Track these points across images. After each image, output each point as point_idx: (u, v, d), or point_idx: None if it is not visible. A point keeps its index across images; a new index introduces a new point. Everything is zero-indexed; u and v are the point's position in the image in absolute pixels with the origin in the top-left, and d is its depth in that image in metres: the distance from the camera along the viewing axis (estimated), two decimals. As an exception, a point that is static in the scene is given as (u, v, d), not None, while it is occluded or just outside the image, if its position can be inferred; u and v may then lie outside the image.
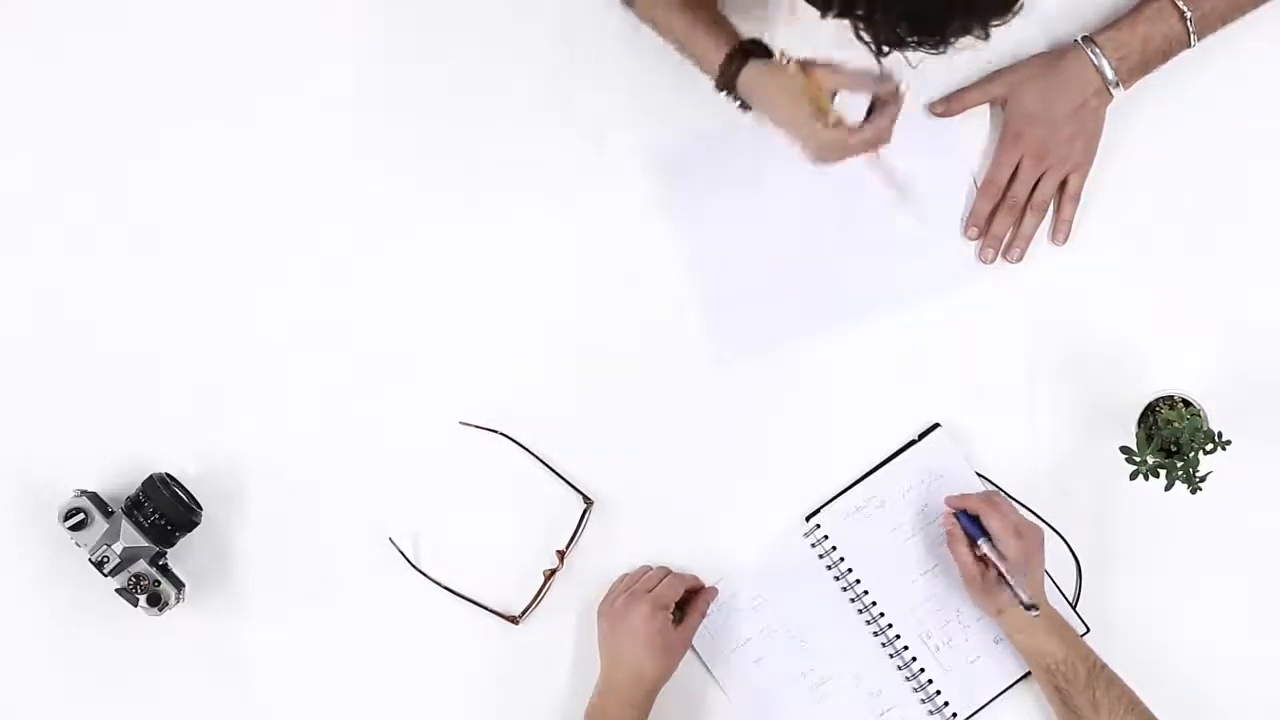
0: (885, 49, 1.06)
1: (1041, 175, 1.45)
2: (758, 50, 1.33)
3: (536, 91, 1.50)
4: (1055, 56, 1.43)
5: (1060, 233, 1.47)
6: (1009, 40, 1.45)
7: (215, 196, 1.51)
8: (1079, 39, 1.42)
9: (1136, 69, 1.41)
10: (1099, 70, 1.40)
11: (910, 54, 1.07)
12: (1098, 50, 1.40)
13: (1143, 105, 1.46)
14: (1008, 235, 1.48)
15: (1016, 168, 1.45)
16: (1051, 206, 1.47)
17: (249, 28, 1.51)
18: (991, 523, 1.38)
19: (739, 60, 1.32)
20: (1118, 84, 1.41)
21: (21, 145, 1.51)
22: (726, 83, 1.33)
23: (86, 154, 1.51)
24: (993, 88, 1.46)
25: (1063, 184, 1.46)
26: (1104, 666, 1.37)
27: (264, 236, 1.51)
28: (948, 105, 1.47)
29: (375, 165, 1.51)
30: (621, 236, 1.44)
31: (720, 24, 1.36)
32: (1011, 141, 1.45)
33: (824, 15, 1.04)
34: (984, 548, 1.37)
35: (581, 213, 1.49)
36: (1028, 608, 1.34)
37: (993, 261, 1.48)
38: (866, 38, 1.05)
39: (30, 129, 1.52)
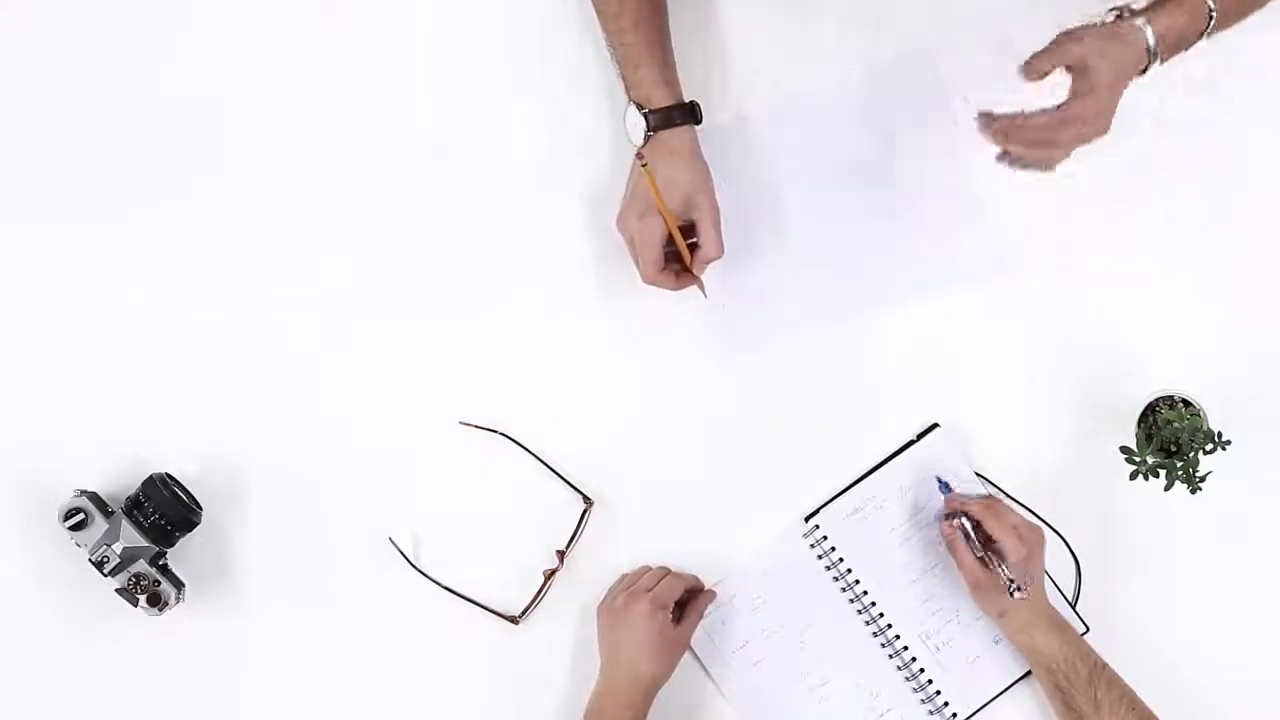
0: None
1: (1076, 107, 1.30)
2: (695, 115, 1.40)
3: (535, 87, 1.51)
4: (1113, 31, 1.30)
5: (1045, 165, 1.31)
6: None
7: (215, 198, 1.51)
8: (1128, 12, 1.31)
9: (1170, 49, 1.32)
10: (1145, 44, 1.29)
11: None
12: (1147, 28, 1.30)
13: (1143, 106, 1.46)
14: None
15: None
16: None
17: (255, 44, 1.52)
18: (991, 526, 1.38)
19: (681, 116, 1.38)
20: (1157, 56, 1.31)
21: (24, 146, 1.52)
22: (659, 123, 1.38)
23: (88, 157, 1.51)
24: (1076, 49, 1.29)
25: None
26: (1105, 666, 1.37)
27: (264, 237, 1.51)
28: (1038, 64, 1.30)
29: (373, 166, 1.51)
30: (620, 237, 1.44)
31: (671, 61, 1.41)
32: (1083, 97, 1.29)
33: None
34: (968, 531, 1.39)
35: (579, 211, 1.50)
36: (1011, 590, 1.35)
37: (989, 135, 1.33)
38: None
39: (34, 133, 1.52)
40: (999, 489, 1.47)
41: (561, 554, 1.48)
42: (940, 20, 1.48)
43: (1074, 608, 1.46)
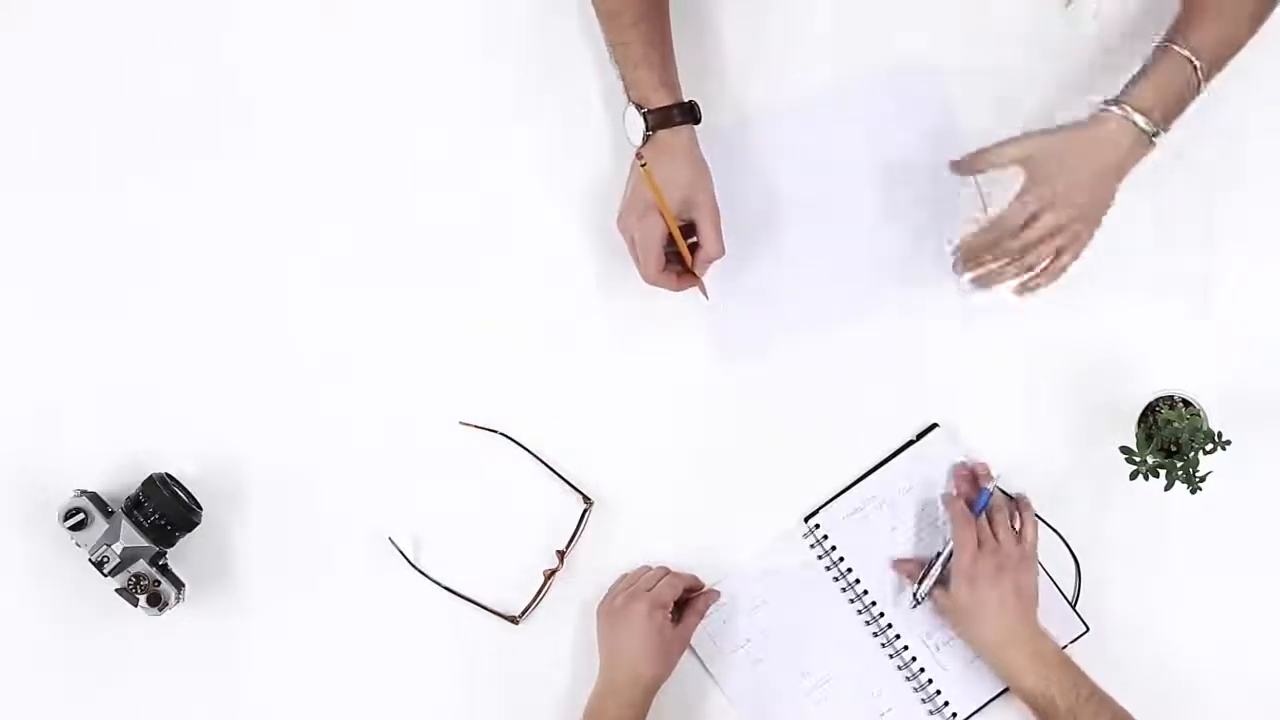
0: None
1: (1052, 232, 1.37)
2: (694, 115, 1.39)
3: (535, 87, 1.51)
4: (1083, 123, 1.36)
5: (1050, 276, 1.39)
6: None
7: (215, 198, 1.51)
8: (1103, 104, 1.36)
9: (1168, 114, 1.36)
10: (1134, 125, 1.34)
11: None
12: (1127, 108, 1.34)
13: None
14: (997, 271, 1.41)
15: (1032, 218, 1.37)
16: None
17: (255, 42, 1.52)
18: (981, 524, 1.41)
19: (680, 116, 1.38)
20: (1157, 132, 1.35)
21: (24, 146, 1.52)
22: (658, 123, 1.37)
23: (87, 155, 1.51)
24: (1016, 150, 1.38)
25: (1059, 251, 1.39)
26: (1090, 695, 1.35)
27: (264, 237, 1.51)
28: (970, 161, 1.40)
29: (374, 165, 1.51)
30: (621, 237, 1.44)
31: (671, 61, 1.40)
32: (1036, 188, 1.36)
33: None
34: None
35: (581, 211, 1.50)
36: (914, 593, 1.41)
37: (977, 292, 1.42)
38: None
39: (33, 131, 1.52)
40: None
41: (561, 554, 1.48)
42: (939, 21, 1.48)
43: (1074, 608, 1.46)
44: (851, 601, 1.47)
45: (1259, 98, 1.48)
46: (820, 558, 1.48)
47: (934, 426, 1.47)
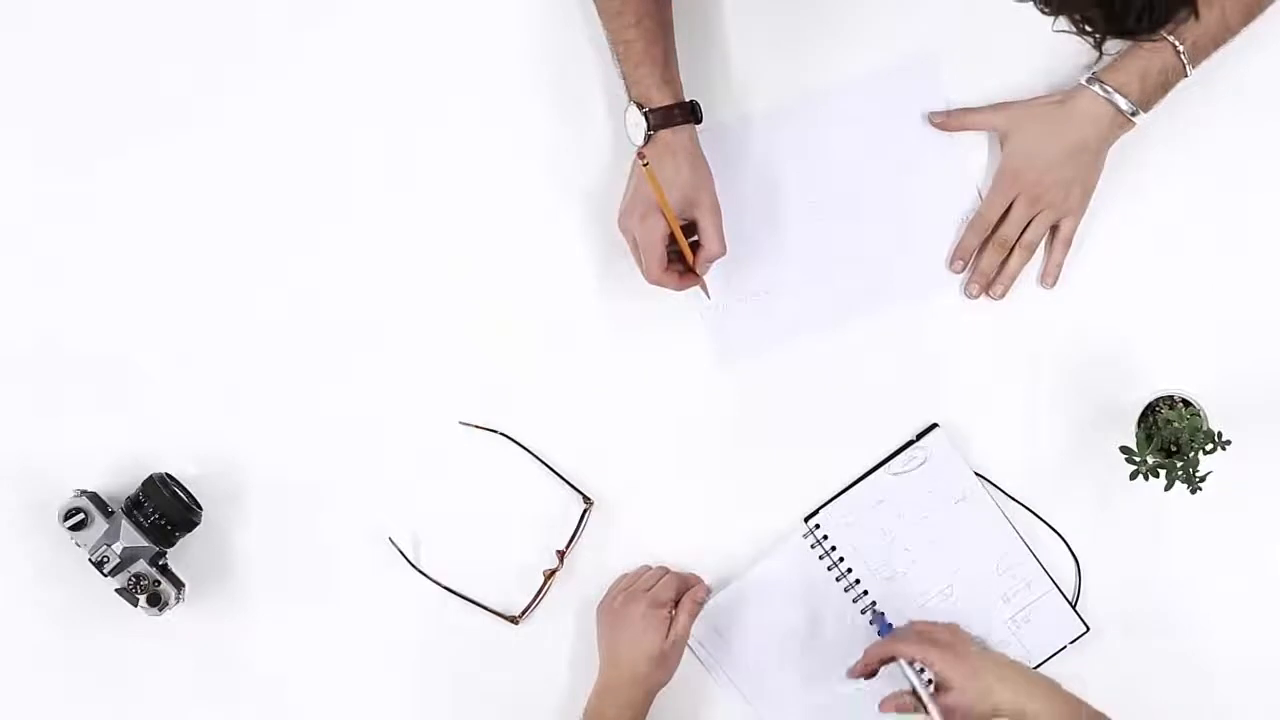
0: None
1: (1034, 217, 1.45)
2: (696, 114, 1.39)
3: (535, 86, 1.50)
4: (1061, 98, 1.43)
5: (1050, 275, 1.47)
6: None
7: (215, 196, 1.51)
8: (1083, 80, 1.42)
9: (1147, 97, 1.41)
10: (1111, 103, 1.40)
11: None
12: (1107, 87, 1.40)
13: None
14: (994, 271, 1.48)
15: (1009, 207, 1.45)
16: (1042, 246, 1.47)
17: (244, 30, 1.52)
18: (921, 655, 1.37)
19: (681, 115, 1.37)
20: (1136, 111, 1.40)
21: (21, 144, 1.51)
22: (659, 122, 1.37)
23: (85, 153, 1.51)
24: (996, 117, 1.46)
25: (1055, 227, 1.46)
26: None
27: (264, 236, 1.50)
28: (947, 119, 1.47)
29: (373, 163, 1.51)
30: (622, 237, 1.44)
31: (673, 60, 1.40)
32: (1008, 181, 1.45)
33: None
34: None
35: (581, 211, 1.49)
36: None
37: (977, 296, 1.47)
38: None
39: (30, 129, 1.51)
40: (999, 489, 1.47)
41: (561, 554, 1.48)
42: (940, 21, 1.48)
43: (1074, 608, 1.46)
44: (855, 601, 1.47)
45: (1259, 97, 1.48)
46: (821, 558, 1.48)
47: (934, 426, 1.47)
